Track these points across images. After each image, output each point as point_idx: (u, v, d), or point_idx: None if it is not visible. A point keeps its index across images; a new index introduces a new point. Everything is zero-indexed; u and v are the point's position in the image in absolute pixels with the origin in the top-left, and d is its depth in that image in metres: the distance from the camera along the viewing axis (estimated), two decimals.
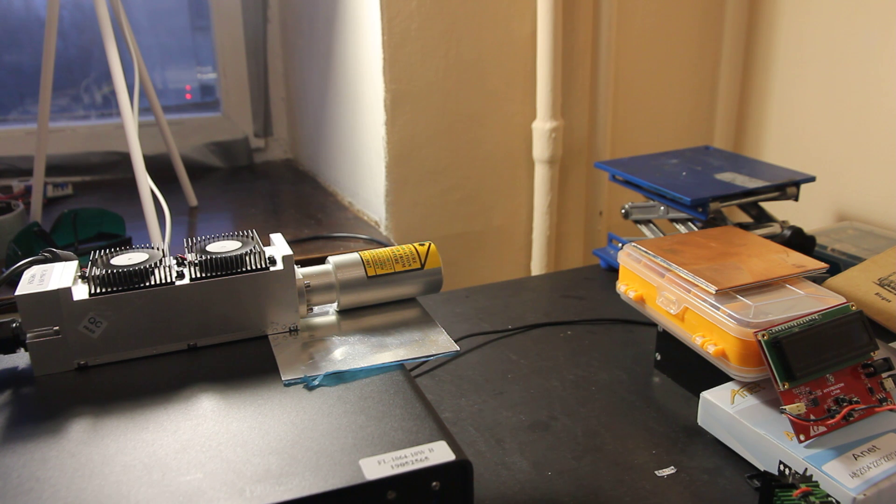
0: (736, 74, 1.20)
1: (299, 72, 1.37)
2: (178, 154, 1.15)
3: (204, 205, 1.20)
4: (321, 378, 0.44)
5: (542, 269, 1.16)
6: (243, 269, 0.49)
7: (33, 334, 0.45)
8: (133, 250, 0.50)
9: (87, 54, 1.39)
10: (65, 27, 1.36)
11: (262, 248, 0.50)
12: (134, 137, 0.91)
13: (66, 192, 1.25)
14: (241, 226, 1.11)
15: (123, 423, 0.40)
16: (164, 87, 1.48)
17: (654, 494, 0.50)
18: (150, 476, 0.36)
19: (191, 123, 1.44)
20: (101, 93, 1.41)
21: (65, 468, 0.36)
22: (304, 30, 1.31)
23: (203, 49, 1.49)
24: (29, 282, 0.46)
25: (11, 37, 1.33)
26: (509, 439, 0.57)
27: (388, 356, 0.47)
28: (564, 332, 0.75)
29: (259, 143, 1.49)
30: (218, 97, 1.48)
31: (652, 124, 1.21)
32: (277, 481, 0.35)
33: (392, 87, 1.01)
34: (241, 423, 0.40)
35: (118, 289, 0.46)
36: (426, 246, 0.55)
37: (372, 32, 1.01)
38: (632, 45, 1.15)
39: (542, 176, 1.11)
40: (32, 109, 1.35)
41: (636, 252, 0.64)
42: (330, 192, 1.29)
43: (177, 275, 0.48)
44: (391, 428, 0.39)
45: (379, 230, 1.10)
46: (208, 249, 0.50)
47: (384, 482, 0.35)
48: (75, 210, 0.96)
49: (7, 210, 0.98)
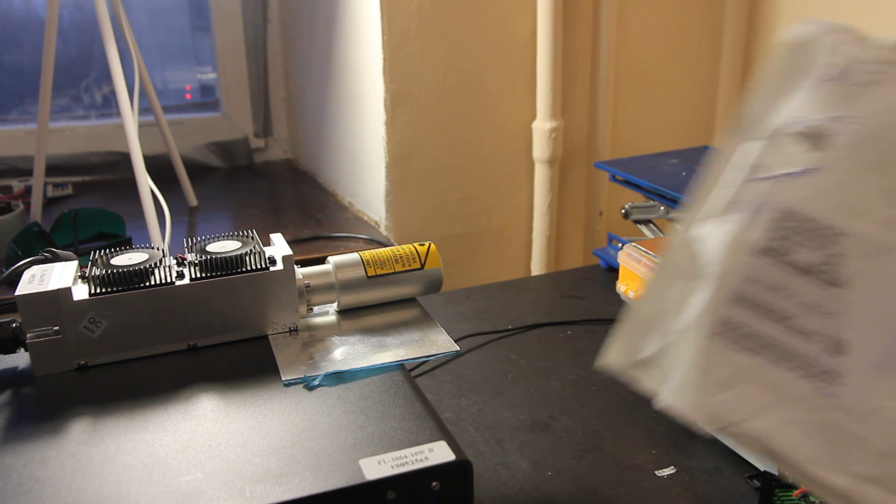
0: (736, 74, 1.20)
1: (299, 72, 1.37)
2: (178, 154, 1.15)
3: (204, 205, 1.20)
4: (321, 378, 0.44)
5: (542, 269, 1.16)
6: (243, 269, 0.49)
7: (33, 334, 0.45)
8: (133, 250, 0.50)
9: (87, 54, 1.39)
10: (65, 27, 1.36)
11: (262, 248, 0.50)
12: (134, 137, 0.91)
13: (66, 192, 1.25)
14: (241, 226, 1.11)
15: (123, 423, 0.40)
16: (164, 87, 1.48)
17: (654, 494, 0.50)
18: (150, 476, 0.36)
19: (191, 123, 1.44)
20: (101, 93, 1.41)
21: (65, 468, 0.36)
22: (304, 30, 1.31)
23: (203, 49, 1.49)
24: (29, 282, 0.46)
25: (11, 37, 1.33)
26: (509, 439, 0.57)
27: (388, 356, 0.47)
28: (564, 332, 0.75)
29: (259, 143, 1.49)
30: (218, 97, 1.48)
31: (652, 124, 1.21)
32: (277, 481, 0.35)
33: (392, 87, 1.01)
34: (241, 423, 0.40)
35: (118, 289, 0.46)
36: (426, 246, 0.55)
37: (372, 32, 1.01)
38: (632, 45, 1.15)
39: (542, 176, 1.11)
40: (32, 109, 1.35)
41: (636, 252, 0.64)
42: (330, 192, 1.29)
43: (177, 275, 0.48)
44: (391, 428, 0.39)
45: (379, 230, 1.10)
46: (208, 249, 0.50)
47: (384, 482, 0.35)
48: (75, 210, 0.96)
49: (7, 210, 0.98)
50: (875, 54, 0.32)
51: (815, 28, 0.33)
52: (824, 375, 0.31)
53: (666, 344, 0.34)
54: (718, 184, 0.34)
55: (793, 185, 0.32)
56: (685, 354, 0.33)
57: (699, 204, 0.34)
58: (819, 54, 0.33)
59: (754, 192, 0.33)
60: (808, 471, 0.30)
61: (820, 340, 0.31)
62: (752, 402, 0.31)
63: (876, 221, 0.31)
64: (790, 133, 0.33)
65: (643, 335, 0.35)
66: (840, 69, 0.32)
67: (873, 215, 0.31)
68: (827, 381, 0.30)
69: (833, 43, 0.33)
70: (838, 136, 0.32)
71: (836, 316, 0.31)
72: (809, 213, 0.32)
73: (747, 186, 0.33)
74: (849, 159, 0.32)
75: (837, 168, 0.32)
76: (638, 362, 0.35)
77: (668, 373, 0.34)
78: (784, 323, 0.31)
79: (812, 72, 0.33)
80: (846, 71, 0.32)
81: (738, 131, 0.34)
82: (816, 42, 0.33)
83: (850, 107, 0.32)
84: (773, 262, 0.32)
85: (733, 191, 0.33)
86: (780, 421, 0.31)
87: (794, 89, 0.33)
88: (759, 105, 0.34)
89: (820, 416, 0.30)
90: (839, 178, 0.32)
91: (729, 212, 0.33)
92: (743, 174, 0.33)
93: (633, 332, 0.36)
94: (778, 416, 0.31)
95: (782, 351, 0.31)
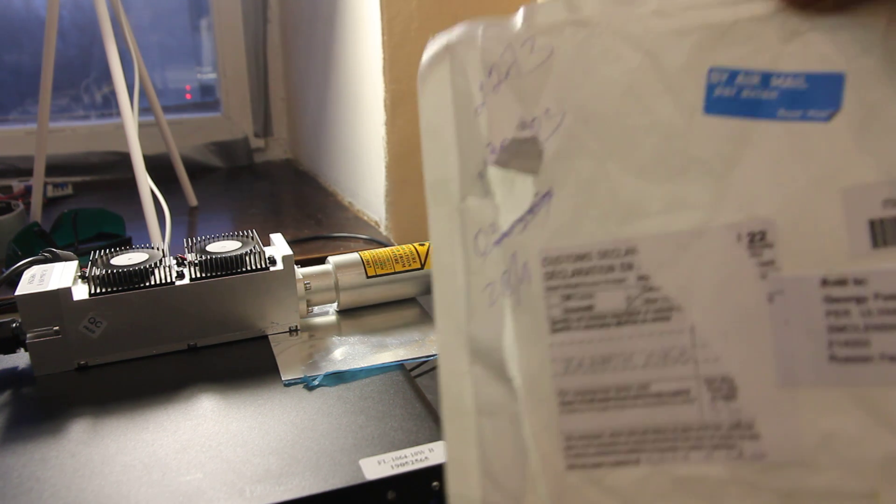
0: None
1: (299, 72, 1.37)
2: (178, 154, 1.15)
3: (204, 205, 1.20)
4: (321, 378, 0.44)
5: None
6: (243, 270, 0.49)
7: (33, 334, 0.45)
8: (133, 250, 0.50)
9: (87, 54, 1.39)
10: (65, 27, 1.36)
11: (262, 248, 0.50)
12: (134, 137, 0.91)
13: (66, 192, 1.25)
14: (241, 226, 1.11)
15: (123, 423, 0.40)
16: (164, 87, 1.48)
17: None
18: (150, 476, 0.36)
19: (191, 123, 1.44)
20: (101, 93, 1.41)
21: (65, 468, 0.36)
22: (303, 30, 1.31)
23: (203, 49, 1.49)
24: (29, 282, 0.46)
25: (11, 36, 1.33)
26: None
27: (388, 356, 0.47)
28: None
29: (259, 143, 1.49)
30: (218, 97, 1.48)
31: None
32: (277, 481, 0.35)
33: (392, 87, 1.01)
34: (241, 423, 0.40)
35: (118, 289, 0.46)
36: (426, 246, 0.55)
37: (372, 32, 1.01)
38: None
39: None
40: (32, 109, 1.35)
41: None
42: (330, 192, 1.29)
43: (177, 275, 0.48)
44: (391, 428, 0.39)
45: (379, 230, 1.10)
46: (208, 249, 0.50)
47: (384, 482, 0.35)
48: (75, 210, 0.96)
49: (7, 210, 0.98)
50: (533, 27, 0.24)
51: (452, 38, 0.26)
52: (737, 434, 0.22)
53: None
54: (461, 272, 0.25)
55: (532, 228, 0.24)
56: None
57: (452, 313, 0.25)
58: (472, 64, 0.25)
59: (498, 261, 0.24)
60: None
61: (700, 394, 0.23)
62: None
63: (657, 212, 0.23)
64: (489, 170, 0.25)
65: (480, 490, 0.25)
66: (507, 64, 0.24)
67: (649, 206, 0.23)
68: (742, 439, 0.22)
69: (484, 41, 0.25)
70: (544, 143, 0.24)
71: (692, 352, 0.23)
72: (575, 250, 0.24)
73: (486, 260, 0.24)
74: (573, 160, 0.24)
75: (568, 179, 0.24)
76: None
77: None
78: (642, 399, 0.23)
79: (474, 88, 0.25)
80: (513, 61, 0.24)
81: (435, 201, 0.25)
82: (462, 52, 0.25)
83: (535, 102, 0.24)
84: (579, 333, 0.24)
85: (481, 274, 0.24)
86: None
87: (465, 119, 0.25)
88: (436, 160, 0.25)
89: (767, 498, 0.22)
90: (577, 188, 0.24)
91: (494, 301, 0.24)
92: (473, 247, 0.25)
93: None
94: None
95: (663, 436, 0.23)
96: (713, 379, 0.23)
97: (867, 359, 0.21)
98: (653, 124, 0.23)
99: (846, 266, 0.21)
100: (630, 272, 0.23)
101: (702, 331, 0.23)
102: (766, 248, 0.22)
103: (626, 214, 0.23)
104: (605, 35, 0.24)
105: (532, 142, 0.24)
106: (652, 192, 0.23)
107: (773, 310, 0.22)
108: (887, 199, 0.21)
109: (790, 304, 0.22)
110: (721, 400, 0.23)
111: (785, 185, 0.22)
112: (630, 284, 0.23)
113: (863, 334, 0.22)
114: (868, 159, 0.21)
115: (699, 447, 0.23)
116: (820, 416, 0.22)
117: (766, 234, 0.22)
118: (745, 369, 0.22)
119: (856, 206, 0.21)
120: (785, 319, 0.22)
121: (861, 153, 0.21)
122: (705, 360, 0.23)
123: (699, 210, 0.23)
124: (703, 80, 0.23)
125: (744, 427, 0.22)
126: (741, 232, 0.22)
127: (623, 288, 0.23)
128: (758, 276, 0.22)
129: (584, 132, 0.24)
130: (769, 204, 0.22)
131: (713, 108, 0.23)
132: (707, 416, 0.23)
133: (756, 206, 0.22)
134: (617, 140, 0.23)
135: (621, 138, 0.23)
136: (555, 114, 0.24)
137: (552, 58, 0.24)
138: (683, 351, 0.23)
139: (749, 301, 0.22)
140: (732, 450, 0.22)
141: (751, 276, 0.22)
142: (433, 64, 0.26)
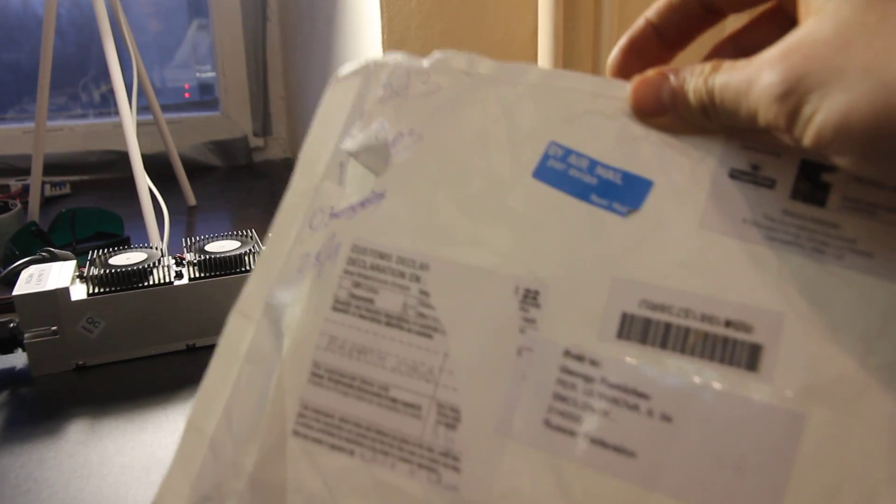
0: None
1: (299, 71, 1.37)
2: (177, 153, 1.15)
3: (203, 204, 1.19)
4: None
5: None
6: (242, 269, 0.48)
7: (31, 334, 0.45)
8: (131, 250, 0.50)
9: (86, 53, 1.39)
10: (63, 25, 1.36)
11: (261, 248, 0.50)
12: (132, 136, 0.91)
13: (64, 191, 1.25)
14: (240, 225, 1.11)
15: (122, 423, 0.40)
16: (162, 86, 1.48)
17: None
18: (149, 477, 0.36)
19: (190, 122, 1.44)
20: (100, 91, 1.41)
21: (63, 469, 0.36)
22: (303, 29, 1.30)
23: (202, 48, 1.49)
24: (27, 281, 0.46)
25: (9, 35, 1.33)
26: None
27: None
28: None
29: (258, 142, 1.48)
30: (217, 96, 1.48)
31: None
32: None
33: None
34: None
35: (116, 288, 0.46)
36: None
37: (372, 32, 1.01)
38: None
39: None
40: (30, 108, 1.35)
41: None
42: None
43: (175, 275, 0.48)
44: None
45: None
46: (207, 249, 0.50)
47: None
48: (73, 209, 0.96)
49: (5, 209, 0.97)
50: (434, 67, 0.28)
51: (374, 59, 0.29)
52: (443, 461, 0.24)
53: (235, 466, 0.25)
54: (292, 239, 0.27)
55: (358, 218, 0.27)
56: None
57: (269, 268, 0.27)
58: (377, 80, 0.28)
59: (321, 238, 0.27)
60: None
61: (429, 413, 0.24)
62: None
63: (461, 242, 0.25)
64: (348, 162, 0.28)
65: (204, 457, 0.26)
66: (400, 86, 0.28)
67: (456, 235, 0.25)
68: (446, 467, 0.23)
69: (393, 65, 0.29)
70: (398, 154, 0.27)
71: (438, 374, 0.24)
72: (381, 248, 0.26)
73: (314, 234, 0.27)
74: (412, 175, 0.27)
75: (402, 189, 0.27)
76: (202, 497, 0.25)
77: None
78: (379, 399, 0.25)
79: (370, 96, 0.28)
80: (405, 86, 0.28)
81: (300, 175, 0.29)
82: (375, 70, 0.29)
83: (406, 120, 0.28)
84: (353, 319, 0.25)
85: (305, 244, 0.27)
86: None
87: (353, 118, 0.28)
88: (316, 143, 0.29)
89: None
90: (406, 199, 0.26)
91: (303, 269, 0.27)
92: (309, 221, 0.27)
93: (190, 454, 0.26)
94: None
95: (383, 439, 0.24)
96: (444, 405, 0.24)
97: (573, 433, 0.23)
98: (487, 169, 0.26)
99: (589, 346, 0.23)
100: (416, 284, 0.25)
101: (453, 359, 0.24)
102: (533, 307, 0.24)
103: (436, 235, 0.26)
104: (484, 89, 0.27)
105: (384, 146, 0.27)
106: (464, 224, 0.26)
107: (518, 362, 0.24)
108: (643, 301, 0.23)
109: (532, 362, 0.24)
110: (443, 426, 0.24)
111: (571, 258, 0.24)
112: (411, 294, 0.25)
113: (579, 410, 0.23)
114: (644, 260, 0.24)
115: (408, 461, 0.24)
116: (516, 470, 0.23)
117: (539, 294, 0.24)
118: (474, 407, 0.24)
119: (618, 296, 0.23)
120: (523, 374, 0.24)
121: (640, 252, 0.24)
122: (445, 386, 0.24)
123: (495, 255, 0.25)
124: (542, 148, 0.26)
125: (451, 457, 0.24)
126: (519, 285, 0.25)
127: (404, 295, 0.25)
128: (518, 328, 0.24)
129: (430, 156, 0.27)
130: (551, 269, 0.24)
131: (541, 174, 0.26)
132: (426, 436, 0.24)
133: (540, 267, 0.25)
134: (454, 172, 0.27)
135: (458, 172, 0.27)
136: (415, 134, 0.27)
137: (437, 93, 0.28)
138: (431, 370, 0.24)
139: (503, 348, 0.24)
140: (433, 473, 0.24)
141: (512, 327, 0.24)
142: (351, 72, 0.29)
